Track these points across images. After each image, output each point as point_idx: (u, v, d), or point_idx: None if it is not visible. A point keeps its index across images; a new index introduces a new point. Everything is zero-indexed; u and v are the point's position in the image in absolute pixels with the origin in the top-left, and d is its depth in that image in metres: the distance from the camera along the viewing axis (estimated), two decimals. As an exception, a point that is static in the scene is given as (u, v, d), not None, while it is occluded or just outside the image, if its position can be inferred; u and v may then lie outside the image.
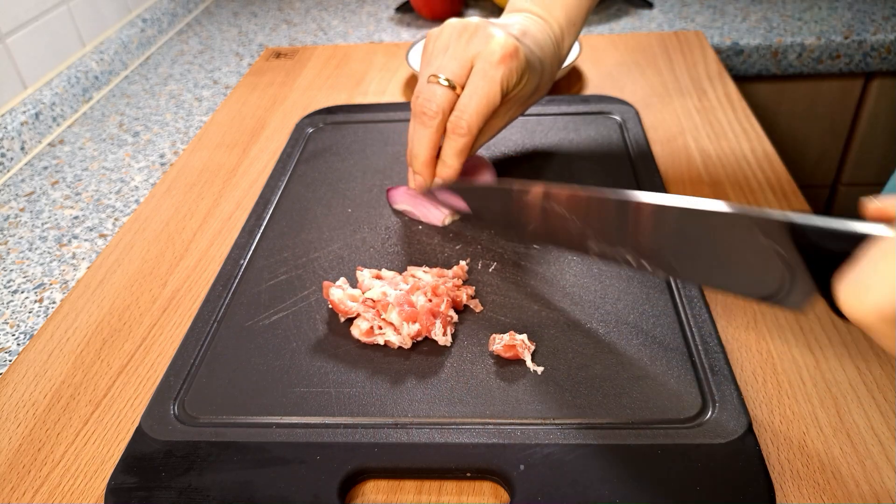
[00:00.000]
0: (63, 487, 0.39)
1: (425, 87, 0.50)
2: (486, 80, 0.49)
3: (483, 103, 0.49)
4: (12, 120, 0.76)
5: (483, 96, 0.49)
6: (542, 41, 0.54)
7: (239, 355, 0.44)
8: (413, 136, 0.51)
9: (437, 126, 0.50)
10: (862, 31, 0.92)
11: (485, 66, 0.49)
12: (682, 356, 0.42)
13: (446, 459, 0.37)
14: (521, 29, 0.53)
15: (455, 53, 0.50)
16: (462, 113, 0.49)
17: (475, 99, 0.49)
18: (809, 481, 0.36)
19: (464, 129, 0.49)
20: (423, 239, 0.54)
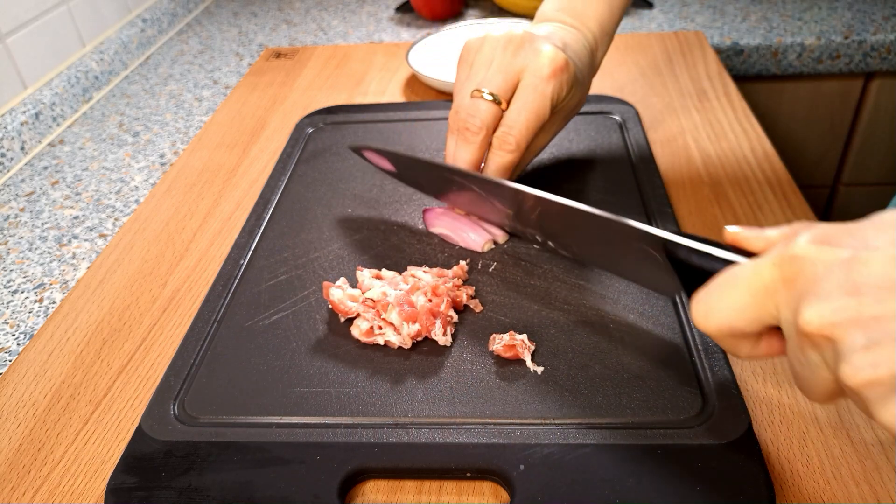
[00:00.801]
0: (63, 487, 0.39)
1: (468, 103, 0.48)
2: (536, 94, 0.47)
3: (533, 118, 0.48)
4: (12, 120, 0.76)
5: (533, 111, 0.48)
6: (580, 52, 0.53)
7: (239, 355, 0.44)
8: (454, 153, 0.50)
9: (480, 143, 0.49)
10: (862, 31, 0.92)
11: (534, 80, 0.47)
12: (682, 356, 0.42)
13: (446, 459, 0.37)
14: (561, 40, 0.51)
15: (501, 66, 0.48)
16: (510, 129, 0.48)
17: (524, 114, 0.48)
18: (809, 481, 0.36)
19: (512, 146, 0.48)
20: (423, 239, 0.54)
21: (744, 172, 0.61)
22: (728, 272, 0.32)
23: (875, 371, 0.25)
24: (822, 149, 1.02)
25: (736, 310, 0.31)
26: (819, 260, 0.28)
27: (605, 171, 0.60)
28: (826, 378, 0.29)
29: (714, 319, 0.32)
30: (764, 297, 0.30)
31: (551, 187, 0.59)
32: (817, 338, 0.27)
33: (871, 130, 0.99)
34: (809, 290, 0.28)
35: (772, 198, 0.57)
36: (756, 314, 0.31)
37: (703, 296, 0.33)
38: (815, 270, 0.28)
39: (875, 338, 0.25)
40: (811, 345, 0.28)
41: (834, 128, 1.00)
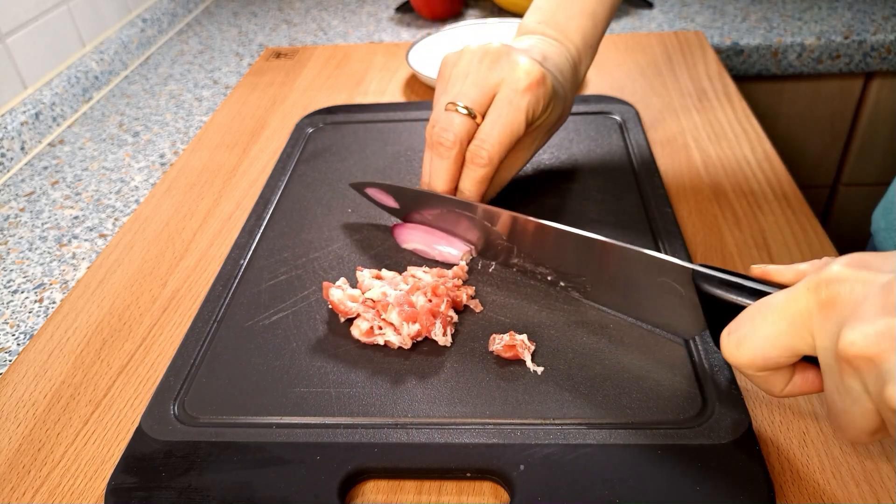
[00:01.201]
0: (63, 487, 0.39)
1: (442, 116, 0.48)
2: (510, 108, 0.46)
3: (506, 133, 0.47)
4: (12, 120, 0.76)
5: (506, 125, 0.46)
6: (561, 66, 0.52)
7: (239, 355, 0.44)
8: (429, 168, 0.49)
9: (454, 157, 0.48)
10: (862, 31, 0.92)
11: (510, 94, 0.46)
12: (682, 356, 0.42)
13: (446, 459, 0.37)
14: (541, 53, 0.51)
15: (476, 80, 0.47)
16: (483, 142, 0.47)
17: (497, 128, 0.46)
18: (809, 481, 0.36)
19: (484, 160, 0.47)
20: (423, 239, 0.54)
21: (743, 172, 0.61)
22: (760, 302, 0.32)
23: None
24: (822, 149, 1.02)
25: (770, 339, 0.31)
26: (857, 282, 0.28)
27: (605, 172, 0.60)
28: (868, 409, 0.28)
29: (747, 350, 0.31)
30: (799, 324, 0.30)
31: (551, 187, 0.59)
32: (860, 361, 0.27)
33: (871, 130, 0.99)
34: (850, 313, 0.27)
35: (772, 198, 0.57)
36: (790, 342, 0.30)
37: (735, 326, 0.32)
38: (854, 294, 0.28)
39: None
40: (852, 370, 0.27)
41: (834, 128, 1.00)
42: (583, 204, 0.56)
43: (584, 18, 0.53)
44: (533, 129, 0.50)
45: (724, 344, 0.33)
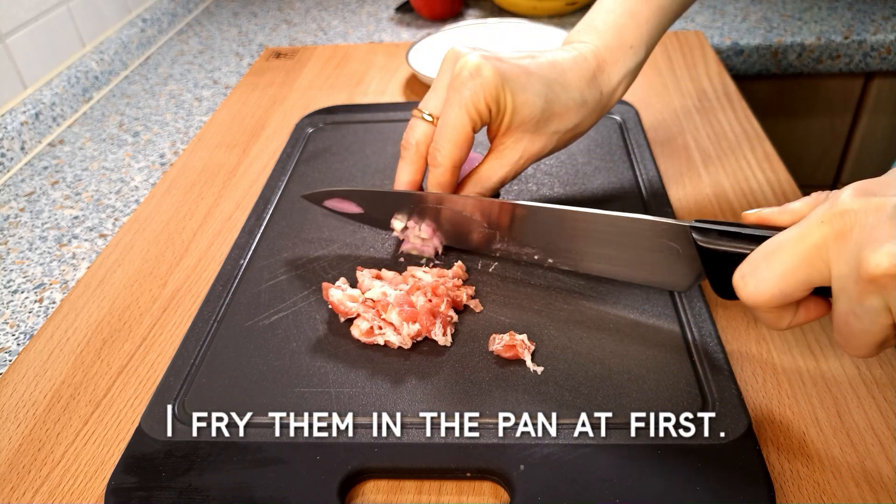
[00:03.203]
0: (63, 487, 0.39)
1: (410, 123, 0.50)
2: (450, 106, 0.46)
3: (450, 132, 0.47)
4: (12, 120, 0.76)
5: (448, 124, 0.46)
6: (562, 62, 0.49)
7: (239, 355, 0.44)
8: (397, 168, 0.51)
9: (412, 159, 0.49)
10: (862, 31, 0.92)
11: (450, 93, 0.47)
12: (682, 356, 0.42)
13: (446, 459, 0.37)
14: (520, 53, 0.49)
15: (436, 86, 0.49)
16: (434, 144, 0.48)
17: (442, 128, 0.47)
18: (809, 481, 0.36)
19: (436, 160, 0.48)
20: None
21: (743, 172, 0.61)
22: (770, 241, 0.33)
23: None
24: (821, 149, 1.02)
25: (787, 274, 0.32)
26: (871, 209, 0.29)
27: (605, 172, 0.60)
28: (885, 324, 0.30)
29: (766, 288, 0.33)
30: (815, 256, 0.31)
31: (550, 188, 0.59)
32: (885, 279, 0.28)
33: (871, 130, 0.99)
34: (868, 237, 0.29)
35: (772, 198, 0.57)
36: (806, 276, 0.32)
37: (749, 269, 0.34)
38: (869, 219, 0.29)
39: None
40: (875, 290, 0.29)
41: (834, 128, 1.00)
42: (583, 204, 0.56)
43: (623, 18, 0.51)
44: (503, 127, 0.48)
45: (739, 286, 0.34)
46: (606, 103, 0.52)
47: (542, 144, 0.50)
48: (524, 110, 0.47)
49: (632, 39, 0.51)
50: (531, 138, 0.49)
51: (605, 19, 0.51)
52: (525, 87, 0.47)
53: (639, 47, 0.51)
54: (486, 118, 0.47)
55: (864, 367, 0.42)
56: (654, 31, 0.52)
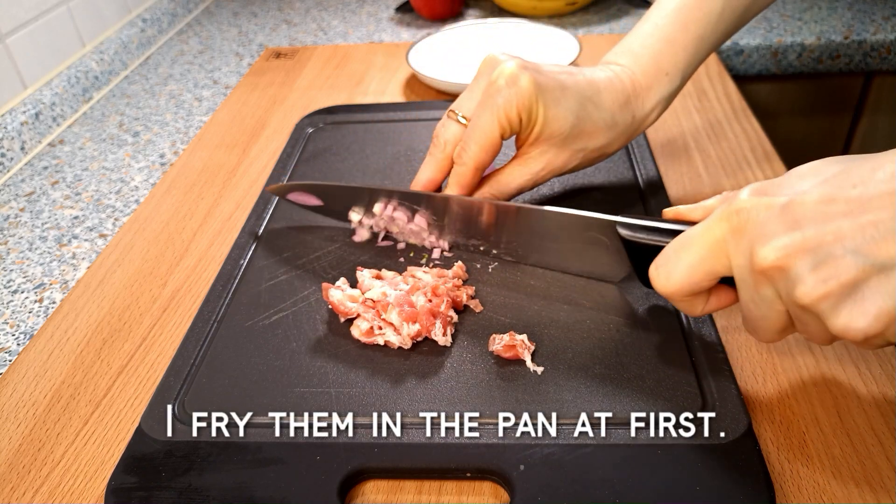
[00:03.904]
0: (63, 487, 0.39)
1: (442, 121, 0.51)
2: (483, 111, 0.47)
3: (479, 135, 0.48)
4: (12, 120, 0.76)
5: (478, 128, 0.47)
6: (599, 82, 0.49)
7: (239, 355, 0.44)
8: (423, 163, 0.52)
9: (438, 157, 0.50)
10: (862, 31, 0.92)
11: (484, 97, 0.47)
12: (682, 356, 0.42)
13: (446, 459, 0.37)
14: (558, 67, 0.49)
15: (471, 88, 0.50)
16: (464, 143, 0.49)
17: (472, 130, 0.48)
18: (809, 481, 0.36)
19: (462, 159, 0.49)
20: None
21: (744, 172, 0.61)
22: (681, 237, 0.36)
23: (825, 285, 0.30)
24: (822, 149, 1.02)
25: (693, 265, 0.35)
26: (762, 207, 0.32)
27: (605, 172, 0.60)
28: (779, 311, 0.34)
29: (675, 278, 0.36)
30: (717, 250, 0.34)
31: (550, 187, 0.59)
32: (772, 271, 0.32)
33: (871, 130, 0.99)
34: (759, 233, 0.32)
35: (772, 198, 0.57)
36: (711, 267, 0.35)
37: (662, 261, 0.37)
38: (760, 217, 0.32)
39: (820, 258, 0.30)
40: (766, 280, 0.33)
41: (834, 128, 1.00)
42: (582, 204, 0.56)
43: (661, 44, 0.51)
44: (531, 138, 0.49)
45: (654, 277, 0.38)
46: (638, 128, 0.52)
47: (567, 159, 0.50)
48: (554, 124, 0.48)
49: (668, 66, 0.51)
50: (556, 152, 0.50)
51: (642, 43, 0.51)
52: (558, 101, 0.47)
53: (674, 75, 0.51)
54: (517, 127, 0.48)
55: (864, 367, 0.42)
56: (692, 59, 0.52)
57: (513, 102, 0.46)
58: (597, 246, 0.45)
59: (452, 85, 0.76)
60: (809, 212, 0.31)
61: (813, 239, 0.30)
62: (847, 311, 0.30)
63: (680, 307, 0.39)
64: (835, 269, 0.30)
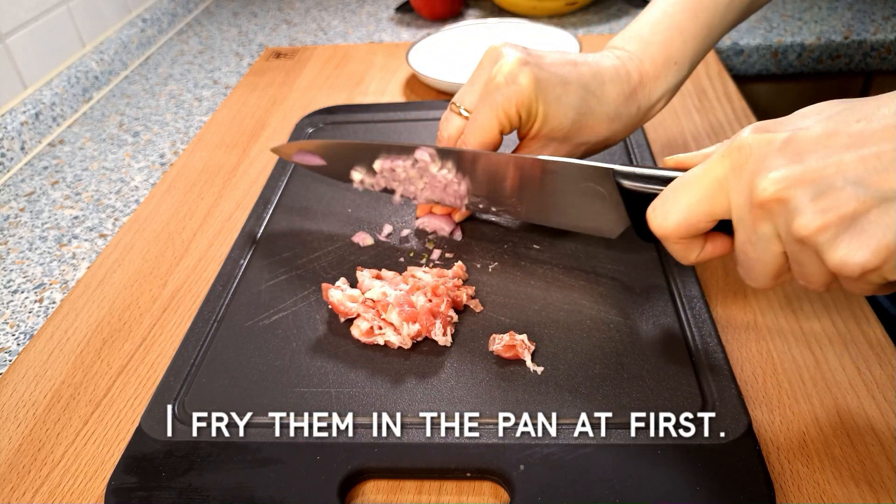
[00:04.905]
0: (63, 487, 0.39)
1: (445, 115, 0.51)
2: (482, 107, 0.47)
3: (478, 132, 0.48)
4: (12, 120, 0.76)
5: (478, 125, 0.47)
6: (604, 73, 0.48)
7: (239, 355, 0.44)
8: None
9: None
10: (862, 31, 0.92)
11: (484, 94, 0.47)
12: (682, 356, 0.42)
13: (446, 459, 0.37)
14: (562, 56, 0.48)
15: (472, 81, 0.49)
16: (464, 138, 0.49)
17: (472, 126, 0.48)
18: (809, 481, 0.36)
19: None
20: (423, 238, 0.54)
21: (744, 172, 0.61)
22: (680, 177, 0.36)
23: (824, 216, 0.30)
24: (822, 149, 1.02)
25: (692, 205, 0.35)
26: (763, 142, 0.32)
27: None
28: (776, 252, 0.33)
29: (673, 218, 0.36)
30: (717, 188, 0.34)
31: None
32: (771, 203, 0.31)
33: (871, 130, 0.99)
34: (759, 167, 0.32)
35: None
36: (710, 207, 0.35)
37: (660, 202, 0.37)
38: (761, 152, 0.32)
39: (820, 190, 0.30)
40: (765, 215, 0.32)
41: (834, 128, 1.00)
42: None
43: (671, 32, 0.50)
44: (532, 132, 0.48)
45: (651, 217, 0.37)
46: (643, 118, 0.52)
47: (568, 153, 0.50)
48: (554, 121, 0.47)
49: (677, 55, 0.50)
50: (558, 146, 0.50)
51: (651, 30, 0.51)
52: (559, 98, 0.47)
53: (682, 64, 0.51)
54: (516, 124, 0.48)
55: (864, 367, 0.42)
56: (700, 48, 0.51)
57: (512, 100, 0.46)
58: (595, 198, 0.44)
59: (452, 85, 0.76)
60: (811, 145, 0.31)
61: (814, 170, 0.30)
62: (846, 243, 0.30)
63: (674, 251, 0.38)
64: (835, 200, 0.29)
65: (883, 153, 0.29)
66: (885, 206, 0.29)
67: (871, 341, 0.43)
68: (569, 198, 0.46)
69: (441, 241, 0.54)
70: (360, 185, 0.54)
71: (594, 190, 0.44)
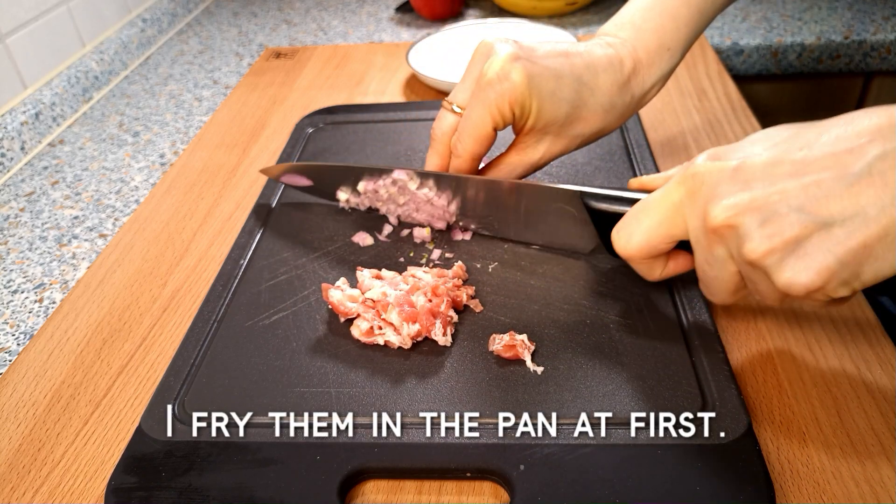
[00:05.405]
0: (63, 487, 0.39)
1: (439, 112, 0.51)
2: (475, 104, 0.47)
3: (472, 129, 0.47)
4: (12, 120, 0.76)
5: (471, 122, 0.47)
6: (597, 63, 0.48)
7: (239, 355, 0.44)
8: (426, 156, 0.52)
9: (439, 149, 0.51)
10: (862, 31, 0.92)
11: (476, 91, 0.47)
12: (682, 356, 0.42)
13: (446, 459, 0.37)
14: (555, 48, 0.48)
15: (465, 78, 0.49)
16: (458, 135, 0.49)
17: (466, 123, 0.48)
18: (809, 481, 0.36)
19: (457, 151, 0.49)
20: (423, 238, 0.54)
21: (744, 172, 0.61)
22: (641, 202, 0.38)
23: (771, 241, 0.32)
24: (822, 149, 1.02)
25: (652, 228, 0.37)
26: (715, 170, 0.34)
27: (605, 172, 0.60)
28: (731, 271, 0.35)
29: (635, 241, 0.38)
30: (674, 213, 0.36)
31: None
32: (722, 229, 0.33)
33: (871, 130, 0.99)
34: (711, 194, 0.34)
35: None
36: (668, 230, 0.37)
37: (623, 225, 0.39)
38: (713, 179, 0.34)
39: (766, 216, 0.32)
40: (718, 239, 0.34)
41: (834, 128, 1.00)
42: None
43: (663, 19, 0.50)
44: (527, 127, 0.48)
45: (615, 240, 0.39)
46: (637, 106, 0.52)
47: (565, 145, 0.50)
48: (549, 115, 0.47)
49: (671, 42, 0.50)
50: (553, 139, 0.50)
51: (644, 17, 0.50)
52: (553, 92, 0.47)
53: (676, 50, 0.51)
54: (510, 120, 0.47)
55: (864, 367, 0.42)
56: (692, 34, 0.51)
57: (505, 97, 0.46)
58: (565, 217, 0.47)
59: (452, 85, 0.76)
60: (758, 173, 0.33)
61: (760, 198, 0.32)
62: (791, 266, 0.32)
63: (639, 270, 0.41)
64: (780, 225, 0.31)
65: (822, 181, 0.31)
66: (826, 230, 0.31)
67: (871, 341, 0.43)
68: (541, 217, 0.49)
69: (441, 241, 0.54)
70: (345, 204, 0.57)
71: (564, 210, 0.47)
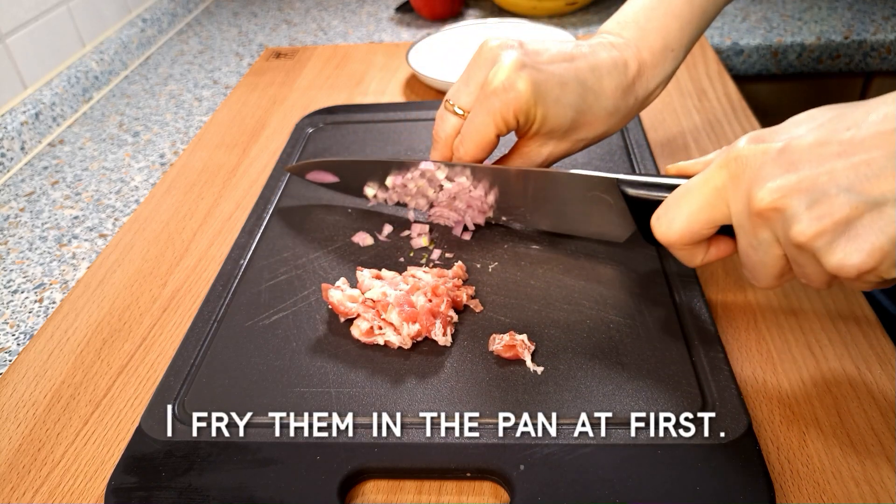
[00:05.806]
0: (63, 487, 0.39)
1: (440, 113, 0.50)
2: (479, 110, 0.47)
3: (475, 135, 0.47)
4: (12, 120, 0.76)
5: (474, 128, 0.47)
6: (601, 66, 0.48)
7: (239, 355, 0.44)
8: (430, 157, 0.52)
9: (442, 151, 0.51)
10: (862, 31, 0.92)
11: (480, 97, 0.47)
12: (682, 356, 0.42)
13: (446, 459, 0.37)
14: (560, 54, 0.48)
15: (467, 79, 0.49)
16: (461, 139, 0.49)
17: (469, 128, 0.48)
18: (809, 481, 0.36)
19: (459, 153, 0.49)
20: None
21: (744, 172, 0.61)
22: (682, 187, 0.37)
23: (820, 223, 0.31)
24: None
25: (693, 214, 0.36)
26: (759, 153, 0.33)
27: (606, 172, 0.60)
28: (777, 255, 0.35)
29: (676, 227, 0.37)
30: (716, 197, 0.35)
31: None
32: (769, 212, 0.33)
33: (871, 130, 0.99)
34: (756, 177, 0.33)
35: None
36: (710, 215, 0.36)
37: (663, 210, 0.38)
38: (757, 162, 0.33)
39: (815, 197, 0.31)
40: (763, 222, 0.34)
41: (834, 128, 1.00)
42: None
43: (668, 19, 0.49)
44: (530, 133, 0.48)
45: (655, 226, 0.38)
46: (640, 108, 0.52)
47: (567, 149, 0.51)
48: (553, 121, 0.47)
49: (674, 42, 0.50)
50: (556, 143, 0.50)
51: (647, 16, 0.50)
52: (558, 99, 0.47)
53: (679, 51, 0.51)
54: (514, 127, 0.48)
55: (864, 367, 0.42)
56: (694, 34, 0.51)
57: (510, 106, 0.46)
58: (601, 205, 0.46)
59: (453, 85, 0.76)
60: (804, 154, 0.32)
61: (808, 179, 0.31)
62: (842, 247, 0.31)
63: (680, 256, 0.40)
64: (829, 207, 0.31)
65: (872, 160, 0.30)
66: (877, 210, 0.30)
67: (871, 341, 0.43)
68: (576, 206, 0.48)
69: (441, 241, 0.54)
70: (374, 199, 0.55)
71: (600, 198, 0.45)
